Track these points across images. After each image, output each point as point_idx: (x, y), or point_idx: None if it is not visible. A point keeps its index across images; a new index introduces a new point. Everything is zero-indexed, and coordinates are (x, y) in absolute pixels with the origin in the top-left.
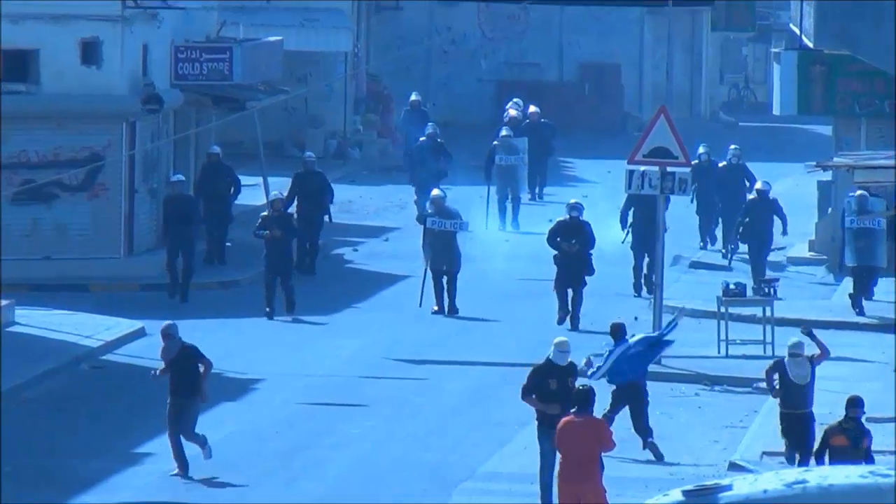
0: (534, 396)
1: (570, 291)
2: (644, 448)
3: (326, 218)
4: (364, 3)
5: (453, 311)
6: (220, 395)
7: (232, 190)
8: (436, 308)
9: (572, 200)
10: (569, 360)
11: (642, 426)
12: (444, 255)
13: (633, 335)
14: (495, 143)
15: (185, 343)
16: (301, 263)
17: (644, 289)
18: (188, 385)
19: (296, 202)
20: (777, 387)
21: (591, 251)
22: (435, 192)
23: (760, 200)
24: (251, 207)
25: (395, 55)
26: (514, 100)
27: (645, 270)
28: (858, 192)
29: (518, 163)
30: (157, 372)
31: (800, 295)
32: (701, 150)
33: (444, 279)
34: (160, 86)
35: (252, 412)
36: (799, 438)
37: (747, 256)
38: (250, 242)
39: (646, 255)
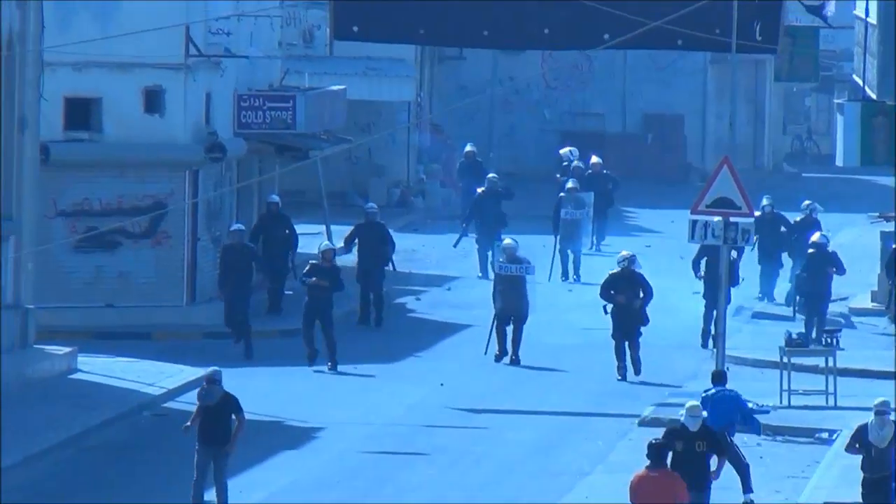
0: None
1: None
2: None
3: (389, 267)
4: (427, 53)
5: (516, 361)
6: (281, 442)
7: (289, 238)
8: (498, 353)
9: (624, 252)
10: (700, 423)
11: (740, 471)
12: (514, 301)
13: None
14: (562, 195)
15: (228, 392)
16: (365, 315)
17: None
18: (222, 434)
19: (356, 253)
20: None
21: (648, 301)
22: (507, 241)
23: (819, 254)
24: (314, 256)
25: (457, 105)
26: (570, 148)
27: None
28: None
29: (583, 217)
30: (189, 423)
31: (862, 345)
32: (765, 201)
33: (511, 327)
34: (223, 134)
35: (314, 460)
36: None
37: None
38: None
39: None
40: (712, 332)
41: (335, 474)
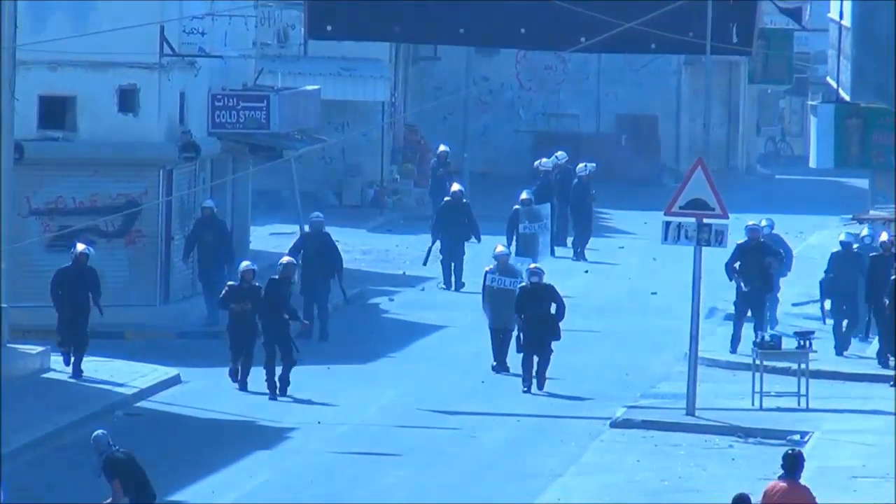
0: None
1: (536, 357)
2: None
3: (341, 294)
4: (402, 53)
5: (503, 369)
6: (253, 443)
7: (226, 247)
8: (496, 364)
9: (532, 265)
10: None
11: None
12: (504, 314)
13: None
14: (517, 207)
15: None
16: (308, 329)
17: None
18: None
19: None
20: None
21: (562, 316)
22: (500, 248)
23: (845, 254)
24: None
25: (431, 105)
26: (558, 153)
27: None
28: None
29: (540, 230)
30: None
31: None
32: (764, 222)
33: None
34: (197, 134)
35: (286, 461)
36: None
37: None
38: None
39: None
40: (740, 338)
41: (308, 475)
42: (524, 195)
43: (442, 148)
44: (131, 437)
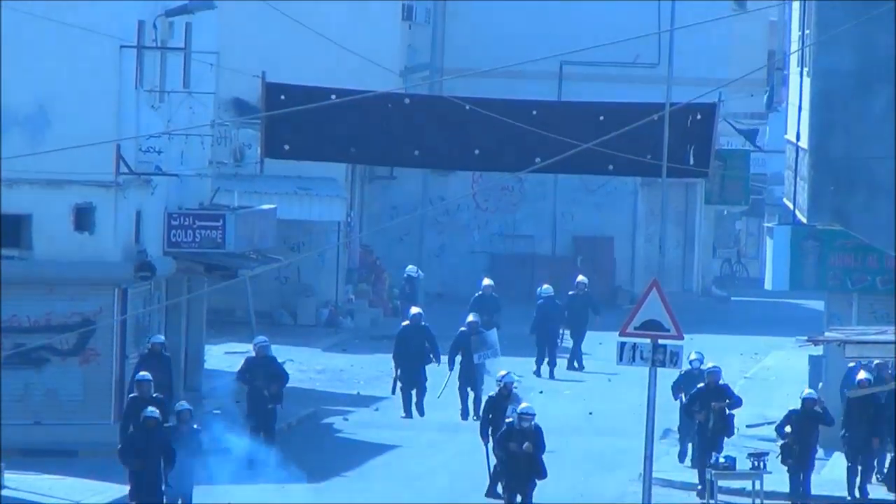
0: None
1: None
2: None
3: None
4: (358, 172)
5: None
6: None
7: (168, 382)
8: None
9: (523, 405)
10: None
11: None
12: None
13: None
14: (463, 329)
15: None
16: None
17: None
18: None
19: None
20: None
21: (542, 454)
22: (502, 372)
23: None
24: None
25: (387, 225)
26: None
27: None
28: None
29: (490, 357)
30: None
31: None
32: (693, 356)
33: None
34: (153, 252)
35: None
36: None
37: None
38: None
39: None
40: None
41: None
42: (471, 318)
43: (412, 272)
44: None
